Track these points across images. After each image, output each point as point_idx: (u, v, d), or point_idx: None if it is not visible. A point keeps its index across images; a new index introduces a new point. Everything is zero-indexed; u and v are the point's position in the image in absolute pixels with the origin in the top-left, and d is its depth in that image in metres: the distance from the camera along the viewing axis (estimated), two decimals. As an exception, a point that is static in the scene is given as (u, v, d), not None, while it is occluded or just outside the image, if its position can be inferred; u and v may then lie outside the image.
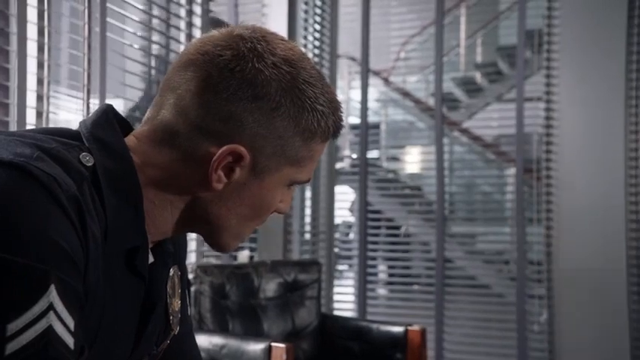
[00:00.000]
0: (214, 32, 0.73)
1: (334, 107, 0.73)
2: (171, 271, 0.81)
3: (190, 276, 2.27)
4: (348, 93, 4.18)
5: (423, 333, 2.42)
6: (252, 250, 3.22)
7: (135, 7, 2.31)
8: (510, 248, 3.61)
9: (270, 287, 2.52)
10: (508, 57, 4.13)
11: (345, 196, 4.29)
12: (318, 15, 3.48)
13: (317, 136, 0.72)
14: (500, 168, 4.32)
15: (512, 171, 3.87)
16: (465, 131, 4.27)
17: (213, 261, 2.75)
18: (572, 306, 3.15)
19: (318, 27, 3.47)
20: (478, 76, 4.52)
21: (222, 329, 2.26)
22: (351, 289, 3.74)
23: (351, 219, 4.34)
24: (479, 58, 4.57)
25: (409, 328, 2.42)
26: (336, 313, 3.57)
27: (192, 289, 2.25)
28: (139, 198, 0.69)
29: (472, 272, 3.89)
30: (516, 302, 3.30)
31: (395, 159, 4.45)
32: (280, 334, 2.45)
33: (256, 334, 2.35)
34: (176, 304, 0.83)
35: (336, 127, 0.74)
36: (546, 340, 3.23)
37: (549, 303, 3.22)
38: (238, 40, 0.70)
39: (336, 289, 3.74)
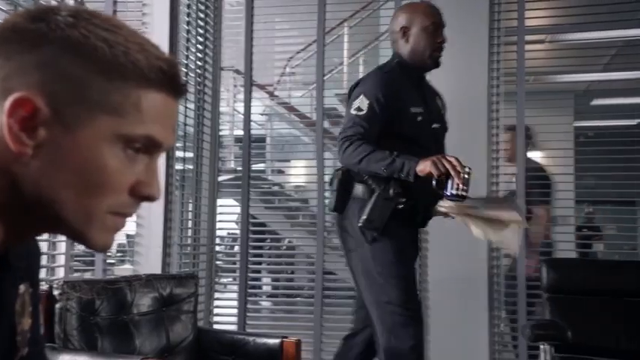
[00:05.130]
0: None
1: (146, 48, 0.67)
2: (22, 288, 0.76)
3: (56, 292, 2.17)
4: (233, 105, 4.18)
5: (298, 344, 2.46)
6: (124, 262, 3.11)
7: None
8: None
9: (144, 302, 2.45)
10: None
11: (231, 208, 4.27)
12: (201, 27, 3.47)
13: (129, 78, 0.65)
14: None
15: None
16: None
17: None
18: (441, 313, 3.33)
19: (201, 39, 3.46)
20: (360, 94, 4.67)
21: (90, 348, 2.17)
22: (234, 302, 3.72)
23: (238, 231, 4.33)
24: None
25: (285, 339, 2.45)
26: (216, 327, 3.53)
27: (58, 306, 2.15)
28: None
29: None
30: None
31: (280, 172, 4.49)
32: (153, 351, 2.39)
33: (127, 351, 2.28)
34: (26, 323, 0.78)
35: (161, 70, 0.66)
36: (418, 347, 3.38)
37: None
38: (25, 12, 0.67)
39: (218, 302, 3.71)
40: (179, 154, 3.33)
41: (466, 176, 2.00)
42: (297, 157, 4.48)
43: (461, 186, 1.99)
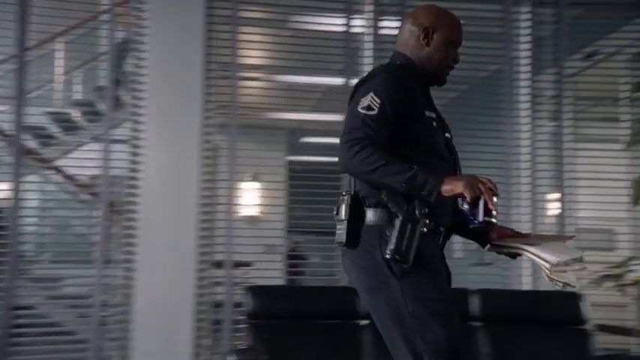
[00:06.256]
0: None
1: None
2: None
3: None
4: None
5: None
6: None
7: None
8: (96, 290, 3.55)
9: None
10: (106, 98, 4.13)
11: None
12: None
13: None
14: (93, 208, 4.24)
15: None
16: (57, 169, 4.07)
17: None
18: (146, 343, 3.24)
19: None
20: (76, 114, 4.40)
21: None
22: None
23: None
24: (78, 96, 4.47)
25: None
26: None
27: None
28: None
29: (55, 318, 3.67)
30: (95, 346, 3.25)
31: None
32: None
33: None
34: None
35: None
36: (119, 382, 3.24)
37: (125, 344, 3.25)
38: None
39: None
40: None
41: (495, 200, 1.75)
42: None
43: (494, 212, 1.73)
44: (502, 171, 3.77)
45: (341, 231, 1.82)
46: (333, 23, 3.73)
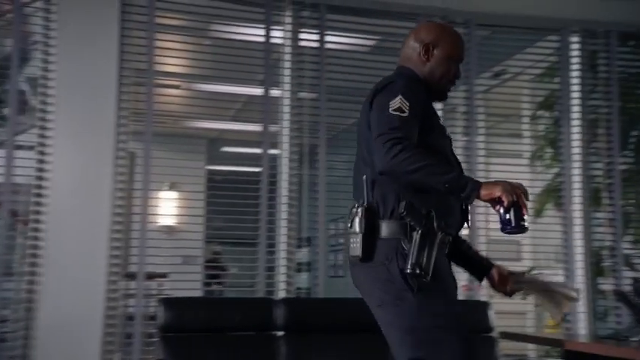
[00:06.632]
0: None
1: None
2: None
3: None
4: None
5: None
6: None
7: None
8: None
9: None
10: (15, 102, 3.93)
11: None
12: None
13: None
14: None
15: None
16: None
17: None
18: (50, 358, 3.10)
19: None
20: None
21: None
22: None
23: None
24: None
25: None
26: None
27: None
28: None
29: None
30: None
31: None
32: None
33: None
34: None
35: None
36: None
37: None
38: None
39: None
40: None
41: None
42: None
43: (526, 217, 1.75)
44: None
45: (355, 244, 1.82)
46: (253, 34, 3.73)
